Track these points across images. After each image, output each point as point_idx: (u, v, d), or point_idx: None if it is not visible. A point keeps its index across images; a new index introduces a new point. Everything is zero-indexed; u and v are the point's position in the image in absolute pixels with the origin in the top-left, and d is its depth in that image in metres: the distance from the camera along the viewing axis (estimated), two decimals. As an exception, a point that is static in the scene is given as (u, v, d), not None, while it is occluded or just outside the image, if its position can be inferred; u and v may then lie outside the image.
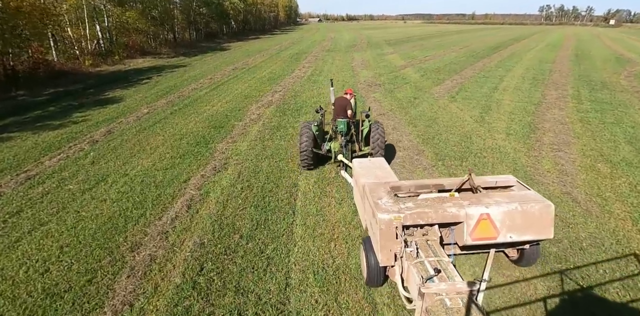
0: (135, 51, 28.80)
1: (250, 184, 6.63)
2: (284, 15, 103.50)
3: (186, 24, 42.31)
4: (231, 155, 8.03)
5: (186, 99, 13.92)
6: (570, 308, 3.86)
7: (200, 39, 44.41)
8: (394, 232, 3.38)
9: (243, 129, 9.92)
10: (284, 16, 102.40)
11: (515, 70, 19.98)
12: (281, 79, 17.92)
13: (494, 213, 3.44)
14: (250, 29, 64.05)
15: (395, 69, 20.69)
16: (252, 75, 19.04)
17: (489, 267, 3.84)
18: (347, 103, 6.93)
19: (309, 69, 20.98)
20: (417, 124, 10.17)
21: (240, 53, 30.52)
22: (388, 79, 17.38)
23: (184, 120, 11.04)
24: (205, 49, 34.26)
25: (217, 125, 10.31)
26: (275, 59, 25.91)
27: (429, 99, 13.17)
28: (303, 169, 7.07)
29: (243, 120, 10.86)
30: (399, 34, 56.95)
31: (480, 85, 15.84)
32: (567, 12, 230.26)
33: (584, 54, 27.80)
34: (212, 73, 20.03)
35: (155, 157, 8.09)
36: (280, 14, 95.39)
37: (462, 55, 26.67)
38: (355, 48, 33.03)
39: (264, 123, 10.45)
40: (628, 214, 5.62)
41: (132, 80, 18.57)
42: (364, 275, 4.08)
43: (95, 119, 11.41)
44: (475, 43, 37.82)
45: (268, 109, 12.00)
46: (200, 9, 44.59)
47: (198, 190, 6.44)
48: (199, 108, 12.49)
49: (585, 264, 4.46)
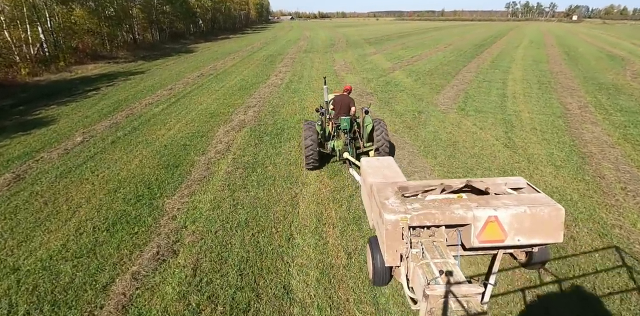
0: (86, 56, 25.24)
1: (211, 295, 4.05)
2: (255, 14, 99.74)
3: (147, 23, 38.59)
4: (185, 223, 5.43)
5: (136, 120, 11.10)
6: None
7: (165, 39, 40.71)
8: (400, 233, 3.32)
9: (206, 169, 7.30)
10: (255, 14, 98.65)
11: (513, 72, 18.20)
12: (255, 87, 15.29)
13: (502, 215, 3.34)
14: (219, 28, 60.34)
15: (383, 72, 18.46)
16: (221, 84, 16.29)
17: (496, 270, 3.71)
18: (349, 101, 6.92)
19: (287, 74, 18.42)
20: (435, 153, 7.89)
21: (208, 55, 27.47)
22: (379, 86, 15.11)
23: (128, 154, 8.29)
24: (169, 51, 30.92)
25: (170, 163, 7.64)
26: (248, 62, 23.15)
27: (435, 113, 10.97)
28: (308, 170, 6.90)
29: (207, 152, 8.22)
30: (376, 31, 55.03)
31: (485, 91, 13.83)
32: (532, 8, 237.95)
33: (572, 52, 26.60)
34: (174, 81, 17.11)
35: (71, 228, 5.39)
36: (252, 12, 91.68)
37: (450, 55, 24.82)
38: (334, 48, 30.63)
39: (234, 157, 7.86)
40: None
41: (75, 93, 15.44)
42: (370, 274, 4.06)
43: (9, 154, 8.48)
44: (457, 41, 36.29)
45: (240, 134, 9.41)
46: (164, 7, 40.90)
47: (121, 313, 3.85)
48: (150, 133, 9.74)
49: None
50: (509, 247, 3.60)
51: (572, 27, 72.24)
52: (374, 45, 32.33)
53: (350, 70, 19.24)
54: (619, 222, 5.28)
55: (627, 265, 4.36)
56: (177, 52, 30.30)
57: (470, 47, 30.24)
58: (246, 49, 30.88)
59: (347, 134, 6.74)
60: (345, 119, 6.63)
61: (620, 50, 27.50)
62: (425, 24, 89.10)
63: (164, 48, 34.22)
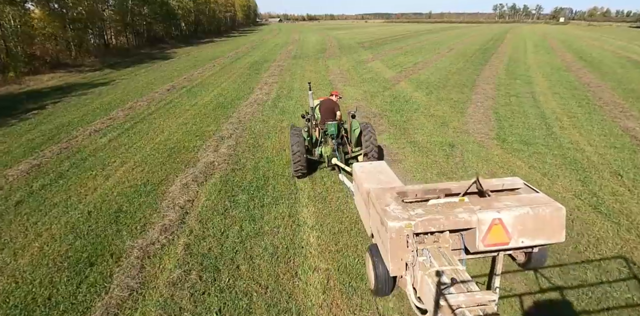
0: (44, 64, 22.02)
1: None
2: (242, 16, 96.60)
3: (122, 26, 35.34)
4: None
5: (69, 158, 8.15)
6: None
7: (142, 44, 37.46)
8: (404, 240, 3.20)
9: (137, 273, 4.39)
10: (242, 16, 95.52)
11: (537, 82, 15.71)
12: (234, 106, 12.43)
13: (505, 217, 3.26)
14: (203, 31, 57.13)
15: (387, 83, 15.78)
16: (193, 100, 13.38)
17: (499, 272, 3.57)
18: (334, 106, 6.78)
19: (273, 86, 15.60)
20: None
21: (185, 62, 24.45)
22: (387, 103, 12.41)
23: (25, 233, 5.33)
24: (143, 58, 27.78)
25: (81, 259, 4.68)
26: (229, 70, 20.24)
27: (472, 147, 8.26)
28: (296, 178, 6.53)
29: (147, 230, 5.31)
30: (368, 34, 52.56)
31: (518, 111, 11.22)
32: (519, 10, 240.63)
33: (588, 58, 24.38)
34: (137, 97, 14.13)
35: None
36: (238, 14, 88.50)
37: (456, 61, 22.33)
38: (327, 53, 27.88)
39: (188, 244, 4.91)
40: None
41: (14, 113, 12.38)
42: (371, 284, 3.85)
43: None
44: (457, 45, 33.93)
45: (204, 188, 6.53)
46: (140, 9, 37.67)
47: None
48: (78, 185, 6.81)
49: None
50: (512, 249, 3.51)
51: (564, 29, 70.88)
52: (369, 50, 29.71)
53: (347, 80, 16.52)
54: None
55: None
56: (153, 59, 27.19)
57: (473, 52, 27.85)
58: (229, 55, 27.93)
59: (335, 140, 6.60)
60: (331, 124, 6.48)
61: (638, 56, 25.36)
62: (416, 27, 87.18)
63: (139, 54, 31.03)
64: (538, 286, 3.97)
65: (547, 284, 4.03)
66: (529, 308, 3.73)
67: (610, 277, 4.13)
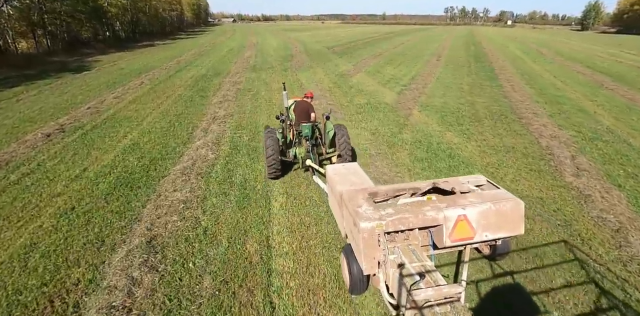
0: None
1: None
2: (192, 15, 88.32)
3: (27, 26, 27.61)
4: None
5: None
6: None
7: (57, 49, 29.77)
8: (376, 240, 3.28)
9: None
10: (191, 16, 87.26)
11: (589, 108, 11.56)
12: (151, 182, 6.77)
13: (470, 213, 3.38)
14: (144, 33, 49.34)
15: (396, 115, 10.80)
16: (82, 165, 7.50)
17: (467, 266, 3.67)
18: (309, 107, 6.68)
19: (227, 124, 10.07)
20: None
21: (104, 77, 17.91)
22: (419, 160, 7.40)
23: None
24: (49, 69, 20.70)
25: None
26: (162, 91, 14.27)
27: None
28: (270, 179, 6.44)
29: None
30: (332, 37, 47.85)
31: (618, 171, 6.70)
32: (468, 13, 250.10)
33: (597, 68, 21.19)
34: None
35: None
36: (187, 14, 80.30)
37: (457, 73, 17.97)
38: (294, 62, 22.48)
39: None
40: None
41: None
42: (347, 283, 3.95)
43: None
44: (439, 50, 30.00)
45: None
46: (54, 4, 29.92)
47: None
48: None
49: None
50: (477, 243, 3.63)
51: (520, 32, 70.88)
52: (344, 57, 24.77)
53: (337, 109, 11.33)
54: None
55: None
56: (62, 70, 20.22)
57: (465, 59, 23.88)
58: (169, 65, 21.63)
59: (309, 141, 6.48)
60: (306, 126, 6.36)
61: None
62: (375, 28, 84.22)
63: (48, 62, 23.67)
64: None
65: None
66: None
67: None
